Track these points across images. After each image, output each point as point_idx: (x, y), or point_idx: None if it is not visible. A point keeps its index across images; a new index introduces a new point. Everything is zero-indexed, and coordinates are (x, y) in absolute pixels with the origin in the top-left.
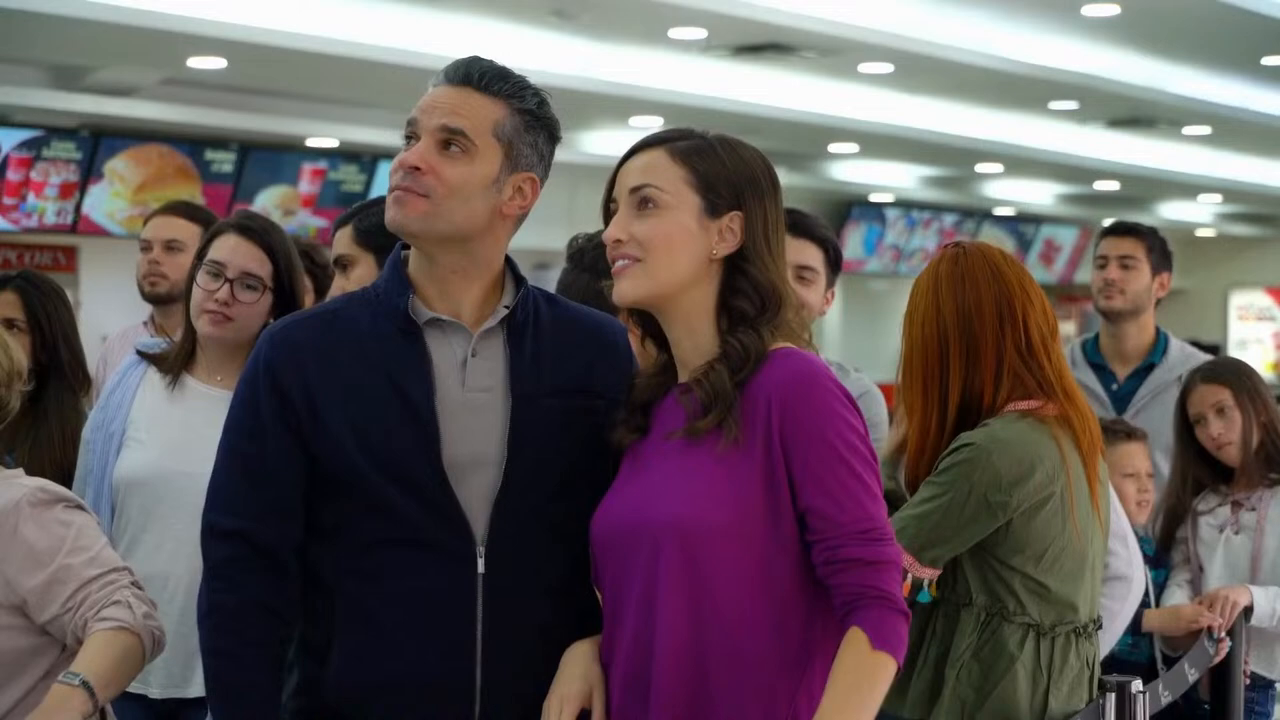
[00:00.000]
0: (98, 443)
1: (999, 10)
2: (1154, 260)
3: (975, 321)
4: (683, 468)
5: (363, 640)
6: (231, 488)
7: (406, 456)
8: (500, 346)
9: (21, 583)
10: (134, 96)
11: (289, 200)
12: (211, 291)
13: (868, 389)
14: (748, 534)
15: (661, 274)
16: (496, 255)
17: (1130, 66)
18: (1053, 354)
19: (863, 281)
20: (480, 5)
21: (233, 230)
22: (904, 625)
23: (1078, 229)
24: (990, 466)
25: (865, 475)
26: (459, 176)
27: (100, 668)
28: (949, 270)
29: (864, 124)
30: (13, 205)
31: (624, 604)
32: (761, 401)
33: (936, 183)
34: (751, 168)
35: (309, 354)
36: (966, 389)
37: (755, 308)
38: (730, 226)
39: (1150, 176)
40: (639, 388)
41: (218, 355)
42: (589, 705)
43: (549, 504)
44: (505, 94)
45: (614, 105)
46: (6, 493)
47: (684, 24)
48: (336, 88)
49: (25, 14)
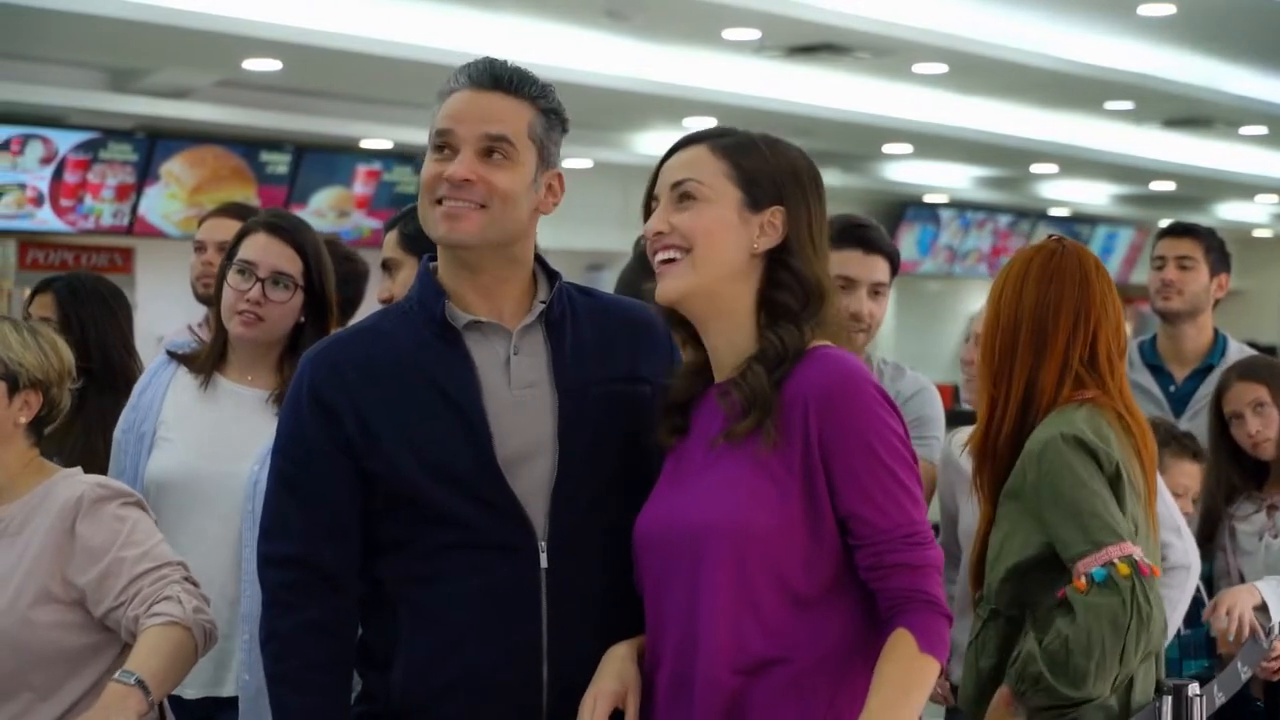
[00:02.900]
0: (129, 443)
1: (1054, 10)
2: (1212, 261)
3: (1050, 320)
4: (724, 471)
5: (428, 644)
6: (283, 513)
7: (460, 460)
8: (540, 342)
9: (78, 577)
10: (189, 98)
11: (343, 202)
12: (243, 291)
13: (924, 386)
14: (789, 536)
15: (704, 266)
16: (529, 253)
17: (1186, 66)
18: (1116, 372)
19: (917, 282)
20: (533, 6)
21: (262, 229)
22: (947, 628)
23: (1133, 230)
24: (1070, 445)
25: (906, 478)
26: (508, 183)
27: (154, 665)
28: (1042, 264)
29: (918, 124)
30: (70, 207)
31: (667, 607)
32: (799, 403)
33: (991, 183)
34: (793, 164)
35: (352, 372)
36: (1031, 381)
37: (798, 302)
38: (771, 221)
39: (1207, 177)
40: (675, 388)
41: (248, 355)
42: (623, 705)
43: (604, 495)
44: (532, 94)
45: (667, 106)
46: (66, 491)
47: (738, 25)
48: (391, 89)
49: (81, 16)
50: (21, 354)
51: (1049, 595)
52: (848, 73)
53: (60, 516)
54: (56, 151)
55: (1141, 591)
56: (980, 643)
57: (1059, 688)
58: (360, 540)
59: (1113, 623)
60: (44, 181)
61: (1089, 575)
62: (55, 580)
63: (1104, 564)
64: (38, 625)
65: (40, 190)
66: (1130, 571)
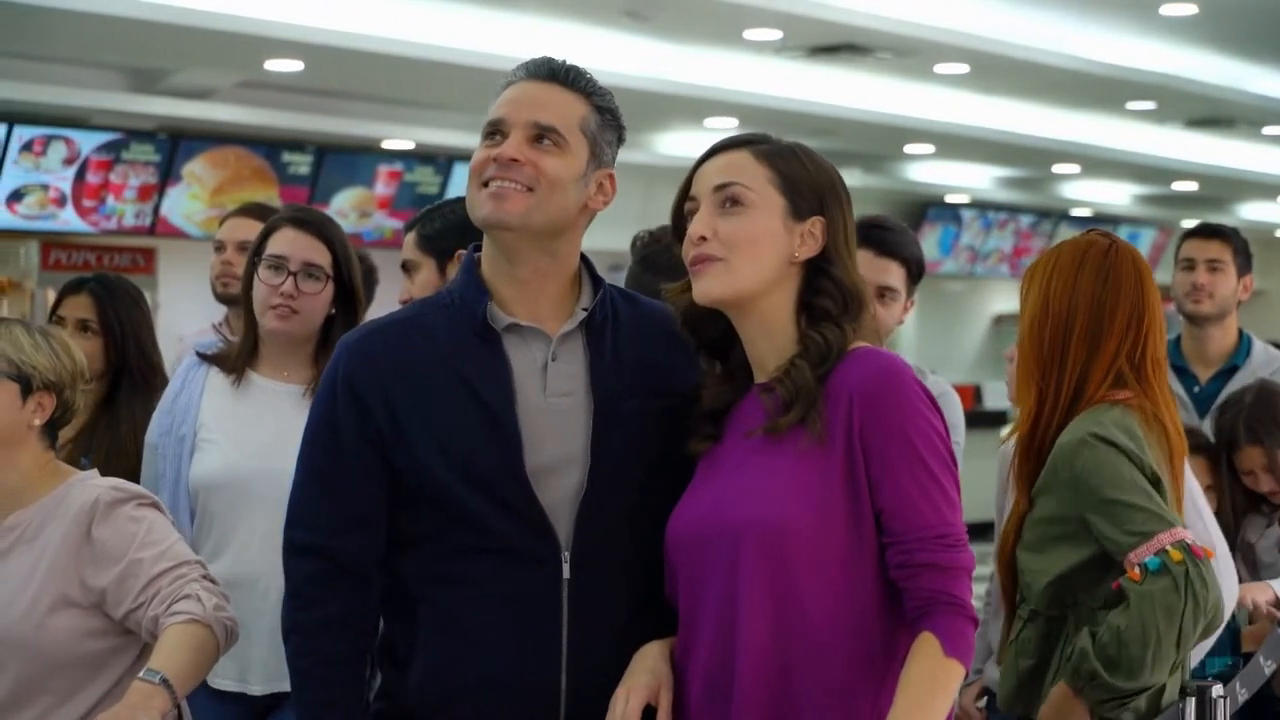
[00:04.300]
0: (167, 447)
1: (1076, 10)
2: (1239, 263)
3: (1106, 317)
4: (764, 466)
5: (448, 646)
6: (311, 502)
7: (489, 465)
8: (580, 349)
9: (97, 580)
10: (211, 99)
11: (365, 202)
12: (276, 286)
13: (945, 390)
14: (829, 533)
15: (744, 274)
16: (574, 254)
17: (1208, 66)
18: (1160, 375)
19: (938, 283)
20: (554, 6)
21: (288, 223)
22: (974, 633)
23: (1155, 230)
24: (1107, 449)
25: (944, 479)
26: (557, 168)
27: (177, 664)
28: (1097, 259)
29: (940, 125)
30: (92, 207)
31: (701, 605)
32: (843, 399)
33: (1013, 184)
34: (830, 175)
35: (387, 365)
36: (1082, 376)
37: (839, 306)
38: (812, 231)
39: (1229, 177)
40: (708, 396)
41: (281, 350)
42: (655, 701)
43: (632, 508)
44: (587, 90)
45: (688, 106)
46: (82, 494)
47: (759, 25)
48: (412, 90)
49: (104, 17)
50: (34, 356)
51: (1093, 595)
52: (869, 73)
53: (76, 521)
54: (79, 152)
55: (1196, 574)
56: (1020, 643)
57: (1115, 682)
58: (385, 533)
59: (1167, 609)
60: (66, 182)
61: (1143, 565)
62: (73, 585)
63: (1156, 552)
64: (56, 631)
65: (63, 191)
66: (1184, 556)
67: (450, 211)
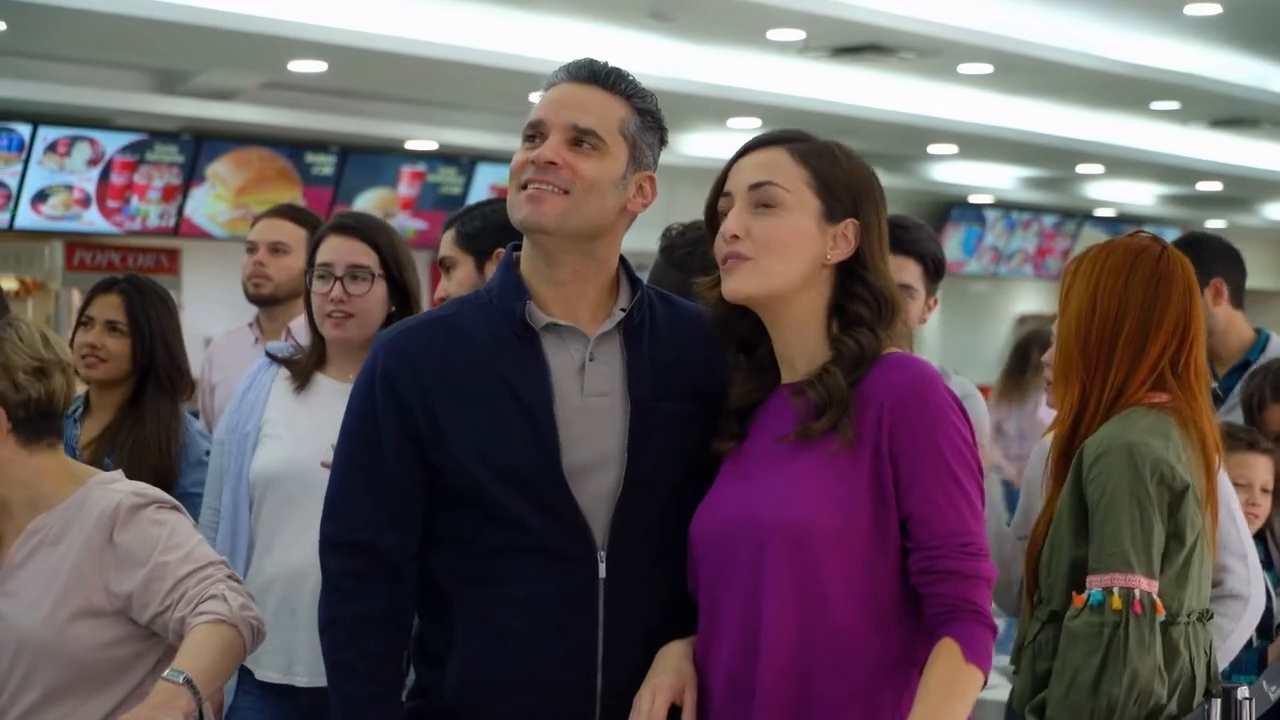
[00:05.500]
0: (233, 443)
1: (1100, 10)
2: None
3: (1154, 322)
4: (792, 470)
5: (483, 645)
6: (349, 497)
7: (526, 464)
8: (617, 350)
9: (121, 586)
10: (235, 100)
11: (388, 203)
12: (326, 294)
13: (970, 392)
14: (855, 537)
15: (775, 274)
16: (613, 255)
17: (1233, 66)
18: (1202, 383)
19: (962, 283)
20: (578, 7)
21: (332, 231)
22: (993, 641)
23: (1179, 230)
24: (1141, 457)
25: (970, 488)
26: (594, 171)
27: (202, 664)
28: (1150, 265)
29: (963, 125)
30: (116, 208)
31: (724, 605)
32: (873, 405)
33: (1036, 184)
34: (867, 177)
35: (425, 363)
36: (1127, 378)
37: (872, 312)
38: (845, 234)
39: (1253, 177)
40: (736, 394)
41: (345, 354)
42: (680, 700)
43: (666, 508)
44: (628, 93)
45: (712, 107)
46: (104, 500)
47: (782, 25)
48: (435, 91)
49: (128, 19)
50: None
51: None
52: (892, 73)
53: (98, 527)
54: (103, 153)
55: (1124, 632)
56: (1038, 645)
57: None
58: (422, 530)
59: (1085, 652)
60: (91, 183)
61: (1088, 594)
62: (97, 591)
63: (1103, 588)
64: (79, 638)
65: (87, 191)
66: (1121, 607)
67: (492, 211)
